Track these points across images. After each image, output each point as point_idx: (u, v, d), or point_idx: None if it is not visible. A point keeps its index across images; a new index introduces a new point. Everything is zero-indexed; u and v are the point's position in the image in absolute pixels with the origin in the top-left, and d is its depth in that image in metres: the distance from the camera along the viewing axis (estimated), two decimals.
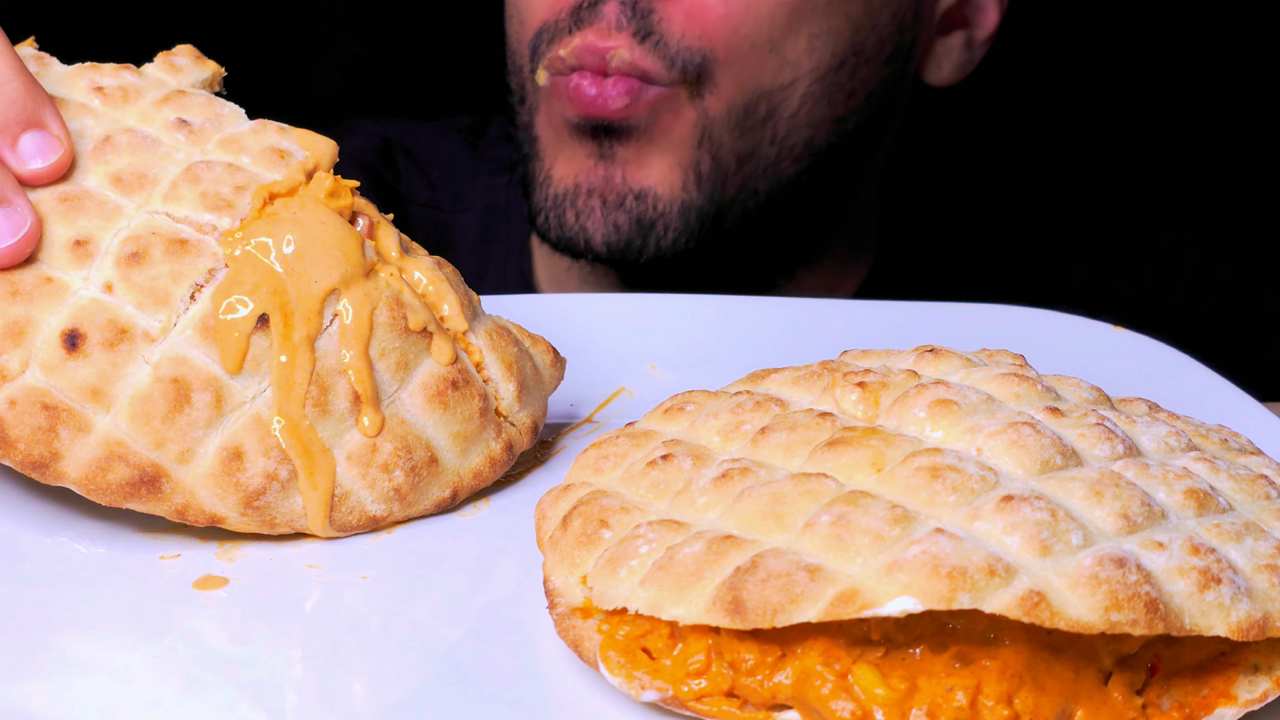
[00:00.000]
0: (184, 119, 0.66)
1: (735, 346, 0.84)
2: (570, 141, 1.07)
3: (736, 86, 1.05)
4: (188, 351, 0.62)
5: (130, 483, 0.61)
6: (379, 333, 0.64)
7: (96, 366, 0.61)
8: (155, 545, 0.63)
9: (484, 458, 0.67)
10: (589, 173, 1.07)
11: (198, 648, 0.57)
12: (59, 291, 0.61)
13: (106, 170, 0.64)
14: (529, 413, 0.70)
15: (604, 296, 0.96)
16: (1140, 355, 0.85)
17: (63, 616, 0.58)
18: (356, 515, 0.64)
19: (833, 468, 0.55)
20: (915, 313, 0.89)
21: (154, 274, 0.62)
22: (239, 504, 0.62)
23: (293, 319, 0.63)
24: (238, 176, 0.65)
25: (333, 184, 0.66)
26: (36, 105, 0.63)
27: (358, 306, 0.64)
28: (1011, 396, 0.59)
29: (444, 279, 0.68)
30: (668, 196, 1.07)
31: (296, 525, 0.63)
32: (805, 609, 0.49)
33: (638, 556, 0.54)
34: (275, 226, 0.63)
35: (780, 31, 1.05)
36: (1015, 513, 0.51)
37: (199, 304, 0.62)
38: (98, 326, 0.61)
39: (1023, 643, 0.50)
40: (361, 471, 0.64)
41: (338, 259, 0.64)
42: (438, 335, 0.67)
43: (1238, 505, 0.55)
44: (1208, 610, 0.50)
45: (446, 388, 0.66)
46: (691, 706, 0.52)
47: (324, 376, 0.63)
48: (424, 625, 0.59)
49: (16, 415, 0.60)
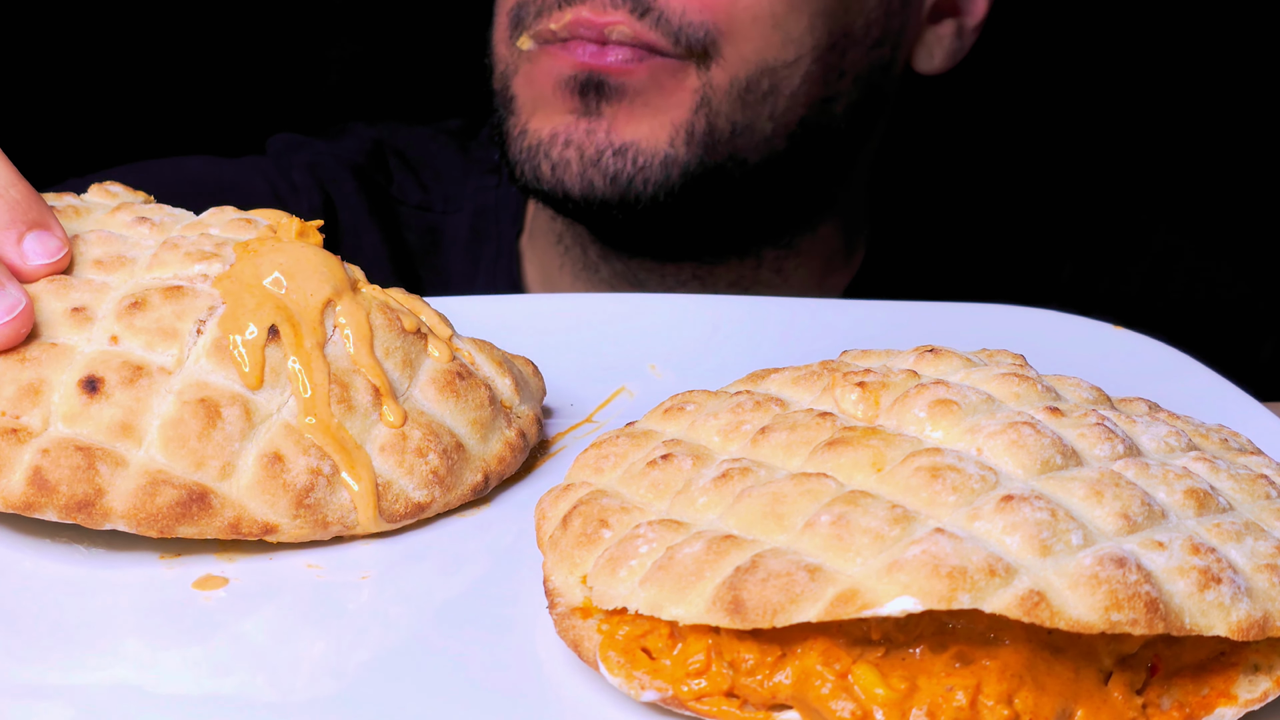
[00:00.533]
0: (143, 217, 0.69)
1: (735, 346, 0.84)
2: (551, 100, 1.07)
3: (741, 61, 1.06)
4: (207, 376, 0.63)
5: (179, 503, 0.61)
6: (379, 334, 0.66)
7: (120, 405, 0.61)
8: (155, 545, 0.63)
9: (503, 443, 0.69)
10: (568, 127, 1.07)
11: (198, 648, 0.57)
12: (65, 353, 0.63)
13: (85, 259, 0.66)
14: (529, 406, 0.71)
15: (604, 296, 0.96)
16: (1140, 355, 0.85)
17: (63, 617, 0.58)
18: (402, 503, 0.64)
19: (833, 468, 0.55)
20: (915, 313, 0.89)
21: (158, 316, 0.63)
22: (290, 505, 0.62)
23: (300, 328, 0.64)
24: (213, 240, 0.68)
25: (299, 226, 0.70)
26: (40, 209, 0.65)
27: (354, 313, 0.66)
28: (1011, 396, 0.59)
29: (416, 297, 0.71)
30: (650, 150, 1.06)
31: (347, 522, 0.63)
32: (805, 609, 0.49)
33: (638, 556, 0.54)
34: (260, 260, 0.66)
35: (783, 8, 1.06)
36: (1015, 513, 0.51)
37: (206, 334, 0.63)
38: (113, 369, 0.62)
39: (1023, 643, 0.50)
40: (398, 460, 0.64)
41: (325, 275, 0.66)
42: (431, 336, 0.69)
43: (1238, 505, 0.55)
44: (1208, 610, 0.50)
45: (454, 378, 0.68)
46: (691, 706, 0.52)
47: (341, 376, 0.64)
48: (424, 625, 0.59)
49: (52, 460, 0.60)
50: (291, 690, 0.54)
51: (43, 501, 0.60)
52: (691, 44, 1.04)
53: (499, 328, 0.77)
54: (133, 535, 0.63)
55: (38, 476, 0.60)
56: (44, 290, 0.64)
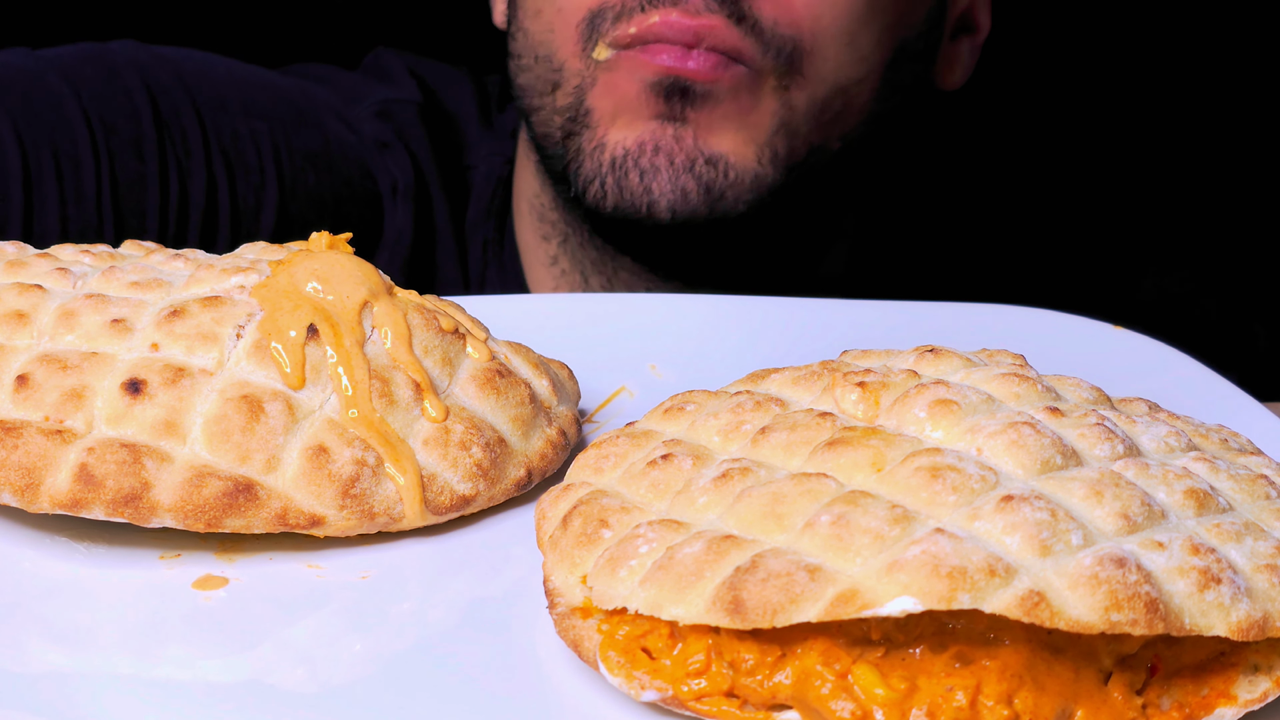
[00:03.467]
0: (177, 253, 0.70)
1: (735, 346, 0.84)
2: (634, 107, 1.03)
3: (819, 80, 1.04)
4: (249, 376, 0.63)
5: (226, 494, 0.61)
6: (417, 333, 0.67)
7: (163, 405, 0.62)
8: (155, 545, 0.63)
9: (545, 441, 0.69)
10: (655, 132, 1.02)
11: (198, 648, 0.57)
12: (107, 360, 0.63)
13: (122, 282, 0.67)
14: (566, 407, 0.72)
15: (604, 296, 0.96)
16: (1140, 355, 0.85)
17: (63, 616, 0.58)
18: (447, 495, 0.64)
19: (833, 468, 0.55)
20: (915, 313, 0.89)
21: (197, 322, 0.64)
22: (336, 496, 0.62)
23: (339, 328, 0.65)
24: (248, 260, 0.69)
25: (329, 239, 0.71)
26: None
27: (390, 313, 0.67)
28: (1011, 396, 0.59)
29: (450, 300, 0.72)
30: (740, 166, 1.03)
31: (394, 514, 0.63)
32: (805, 609, 0.49)
33: (638, 556, 0.54)
34: (295, 269, 0.67)
35: (857, 24, 1.04)
36: (1015, 513, 0.51)
37: (246, 338, 0.64)
38: (155, 371, 0.63)
39: (1023, 643, 0.50)
40: (441, 453, 0.65)
41: (360, 279, 0.67)
42: (469, 336, 0.69)
43: (1238, 505, 0.55)
44: (1208, 610, 0.50)
45: (494, 375, 0.68)
46: (691, 706, 0.52)
47: (381, 372, 0.65)
48: (424, 625, 0.59)
49: (98, 457, 0.61)
50: (291, 690, 0.54)
51: (90, 498, 0.60)
52: (780, 56, 1.01)
53: (499, 328, 0.77)
54: (132, 535, 0.63)
55: (84, 473, 0.60)
56: (83, 306, 0.65)
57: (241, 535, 0.63)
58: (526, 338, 0.77)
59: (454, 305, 0.72)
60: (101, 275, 0.67)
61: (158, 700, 0.53)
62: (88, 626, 0.58)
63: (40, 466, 0.61)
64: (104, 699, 0.53)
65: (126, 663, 0.56)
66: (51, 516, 0.64)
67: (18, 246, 0.71)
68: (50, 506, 0.61)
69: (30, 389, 0.62)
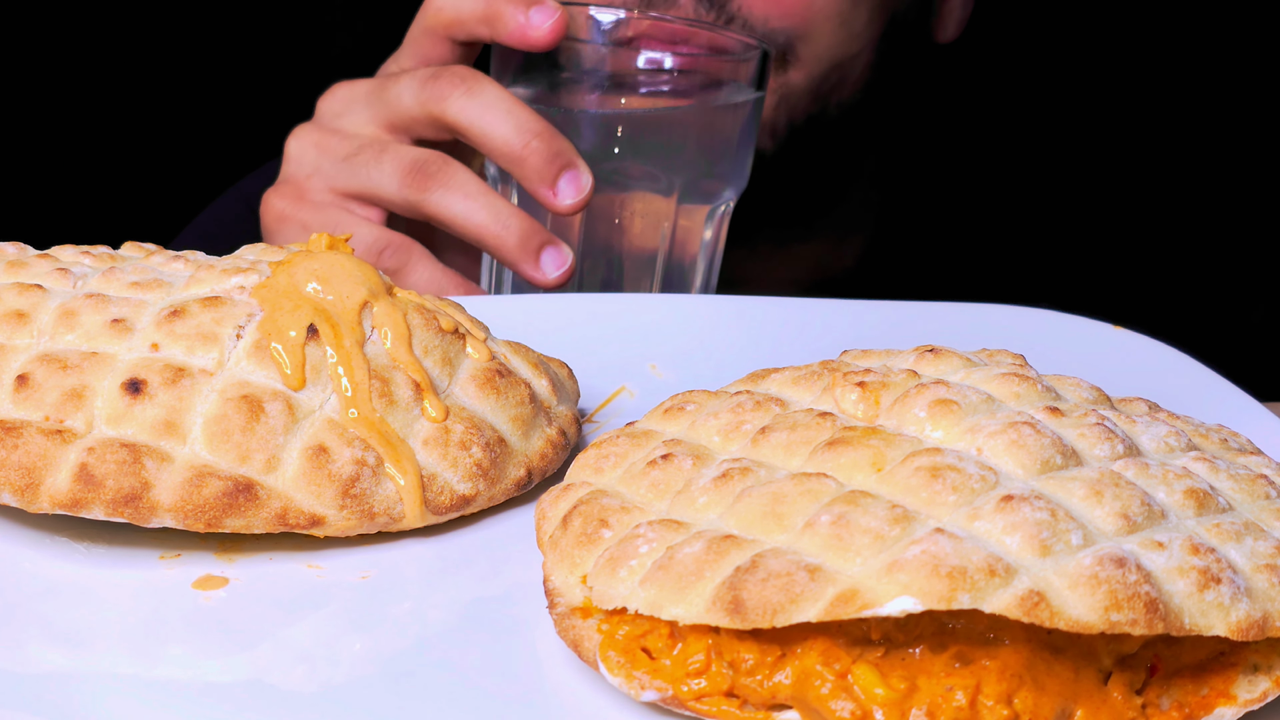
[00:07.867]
0: (177, 254, 0.70)
1: (735, 346, 0.84)
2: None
3: (815, 60, 1.10)
4: (249, 376, 0.63)
5: (226, 494, 0.61)
6: (417, 333, 0.67)
7: (163, 404, 0.62)
8: (155, 545, 0.63)
9: (545, 440, 0.69)
10: None
11: (198, 648, 0.57)
12: (106, 360, 0.63)
13: (122, 282, 0.67)
14: (566, 407, 0.72)
15: (604, 296, 0.96)
16: (1140, 355, 0.85)
17: (63, 616, 0.58)
18: (447, 495, 0.65)
19: (833, 468, 0.55)
20: (915, 313, 0.89)
21: (197, 322, 0.64)
22: (336, 496, 0.62)
23: (339, 328, 0.65)
24: (248, 260, 0.69)
25: (329, 240, 0.71)
26: (566, 148, 0.74)
27: (390, 313, 0.67)
28: (1011, 396, 0.59)
29: (450, 301, 0.72)
30: None
31: (394, 513, 0.63)
32: (805, 609, 0.49)
33: (638, 556, 0.54)
34: (295, 270, 0.67)
35: (848, 5, 1.10)
36: (1015, 513, 0.51)
37: (246, 338, 0.64)
38: (155, 371, 0.63)
39: (1022, 643, 0.50)
40: (441, 453, 0.65)
41: (359, 279, 0.67)
42: (469, 336, 0.69)
43: (1238, 505, 0.55)
44: (1207, 610, 0.50)
45: (493, 375, 0.68)
46: (691, 706, 0.52)
47: (381, 373, 0.65)
48: (424, 625, 0.59)
49: (98, 457, 0.61)
50: (291, 690, 0.54)
51: (90, 498, 0.60)
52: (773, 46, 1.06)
53: (499, 327, 0.77)
54: (132, 535, 0.63)
55: (84, 473, 0.60)
56: (83, 305, 0.65)
57: (241, 535, 0.63)
58: (526, 338, 0.77)
59: (454, 305, 0.72)
60: (102, 275, 0.67)
61: (158, 700, 0.53)
62: (88, 626, 0.57)
63: (40, 466, 0.61)
64: (104, 699, 0.53)
65: (126, 663, 0.56)
66: (51, 516, 0.64)
67: (18, 247, 0.71)
68: (50, 506, 0.61)
69: (30, 389, 0.62)
